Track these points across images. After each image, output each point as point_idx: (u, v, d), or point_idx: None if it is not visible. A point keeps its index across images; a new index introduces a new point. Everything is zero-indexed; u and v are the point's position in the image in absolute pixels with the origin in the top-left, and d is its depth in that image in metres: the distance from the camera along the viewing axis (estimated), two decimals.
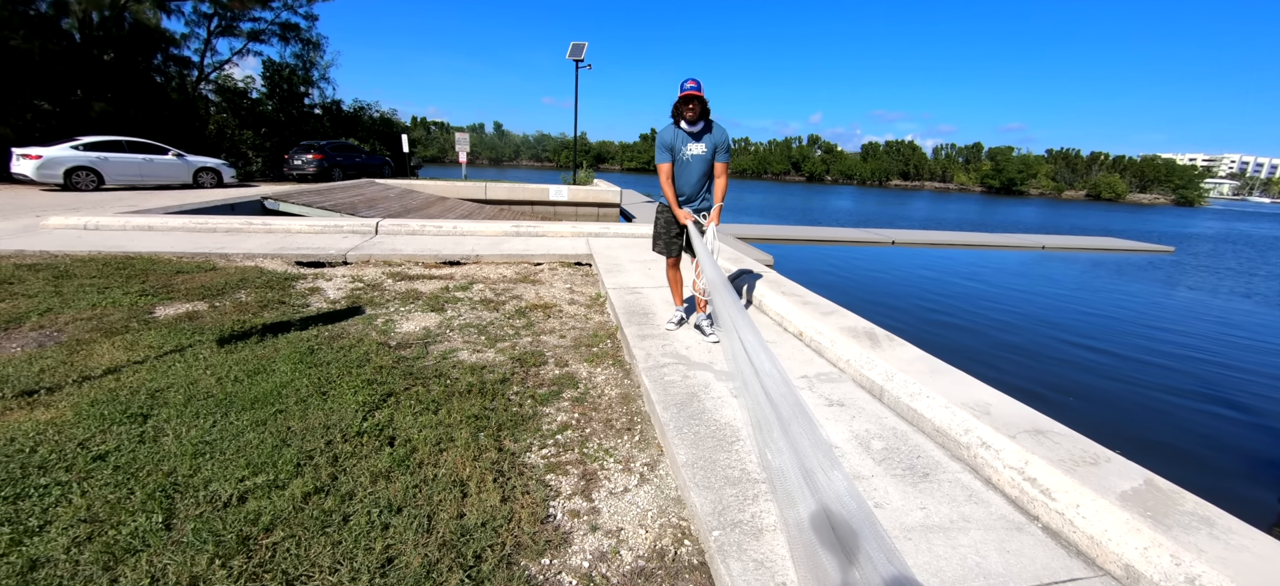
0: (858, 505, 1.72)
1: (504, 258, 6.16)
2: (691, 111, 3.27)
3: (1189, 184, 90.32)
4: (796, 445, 1.96)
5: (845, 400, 2.82)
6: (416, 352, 3.33)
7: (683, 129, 3.36)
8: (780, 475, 1.90)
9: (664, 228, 3.67)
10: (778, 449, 2.00)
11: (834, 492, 1.75)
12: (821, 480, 1.78)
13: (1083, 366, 6.74)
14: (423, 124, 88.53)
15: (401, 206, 12.18)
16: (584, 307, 4.59)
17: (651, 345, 3.43)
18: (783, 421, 2.10)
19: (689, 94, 3.23)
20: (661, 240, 3.70)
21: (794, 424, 2.08)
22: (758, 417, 2.25)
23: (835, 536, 1.63)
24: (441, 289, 4.83)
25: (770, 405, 2.20)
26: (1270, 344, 8.51)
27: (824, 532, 1.64)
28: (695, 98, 3.24)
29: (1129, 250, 18.62)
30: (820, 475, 1.80)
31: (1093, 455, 2.09)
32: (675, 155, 3.39)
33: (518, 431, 2.49)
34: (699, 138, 3.38)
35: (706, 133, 3.39)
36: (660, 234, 3.69)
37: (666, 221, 3.64)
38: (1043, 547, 1.79)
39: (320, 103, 24.50)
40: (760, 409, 2.25)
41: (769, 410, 2.19)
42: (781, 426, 2.08)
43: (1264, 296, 12.20)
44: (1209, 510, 1.77)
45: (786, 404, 2.19)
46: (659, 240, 3.71)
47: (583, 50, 20.91)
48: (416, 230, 7.33)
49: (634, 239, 7.72)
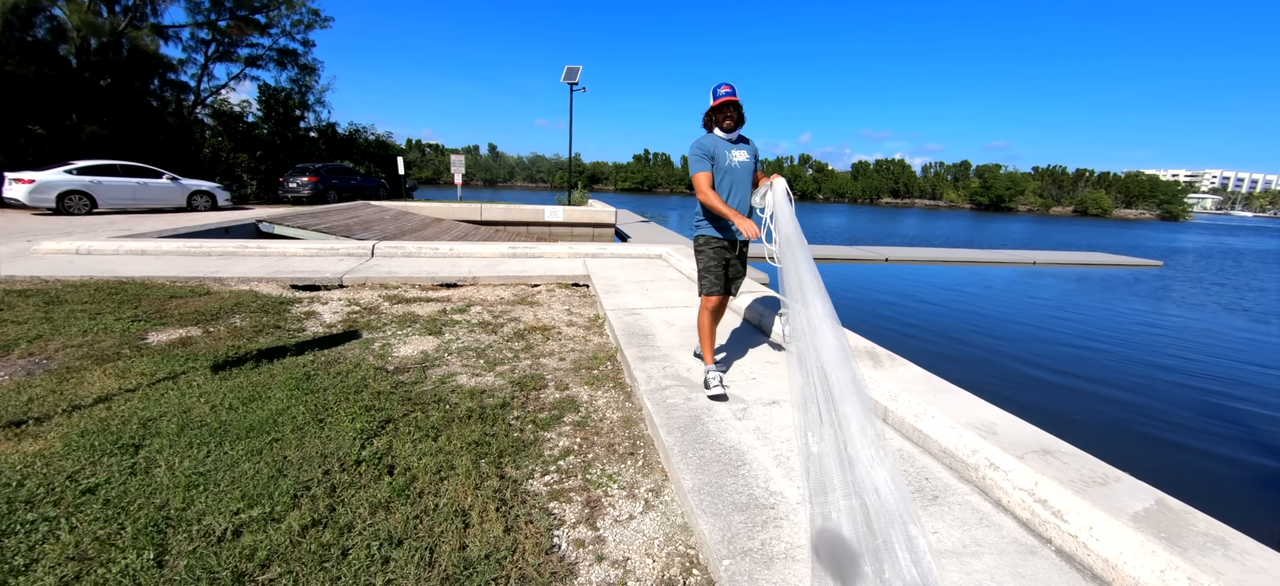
0: (898, 501, 1.68)
1: (501, 279, 6.14)
2: (731, 118, 2.96)
3: (1173, 199, 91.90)
4: (843, 425, 1.91)
5: None
6: (415, 377, 3.29)
7: (720, 136, 3.00)
8: (817, 462, 1.86)
9: (715, 258, 3.07)
10: (819, 434, 1.96)
11: (872, 483, 1.70)
12: (862, 471, 1.75)
13: (1080, 381, 6.75)
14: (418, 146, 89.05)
15: (397, 228, 12.16)
16: (583, 329, 4.56)
17: (652, 367, 3.40)
18: (832, 399, 2.04)
19: (726, 100, 2.93)
20: (712, 274, 3.08)
21: (844, 404, 2.02)
22: (805, 397, 2.18)
23: (867, 530, 1.61)
24: (439, 312, 4.79)
25: (822, 381, 2.11)
26: (1260, 358, 8.57)
27: (853, 530, 1.62)
28: (734, 103, 2.95)
29: (1118, 265, 18.82)
30: (861, 466, 1.76)
31: (1102, 475, 2.07)
32: (717, 164, 2.96)
33: (519, 457, 2.45)
34: (741, 145, 3.04)
35: (743, 140, 3.08)
36: (709, 267, 3.08)
37: (718, 249, 3.07)
38: (1058, 572, 1.76)
39: (316, 126, 24.61)
40: (811, 388, 2.17)
41: (819, 387, 2.11)
42: (831, 404, 2.03)
43: (1251, 311, 12.32)
44: (1223, 530, 1.76)
45: (840, 382, 2.10)
46: (708, 275, 3.09)
47: (577, 74, 21.17)
48: (413, 252, 7.31)
49: (631, 259, 7.73)
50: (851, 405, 1.92)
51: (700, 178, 2.95)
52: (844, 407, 1.95)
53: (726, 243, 3.09)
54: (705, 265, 3.11)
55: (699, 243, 3.16)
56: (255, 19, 21.12)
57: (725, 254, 3.09)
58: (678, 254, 7.51)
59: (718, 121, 2.98)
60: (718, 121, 2.98)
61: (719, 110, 2.96)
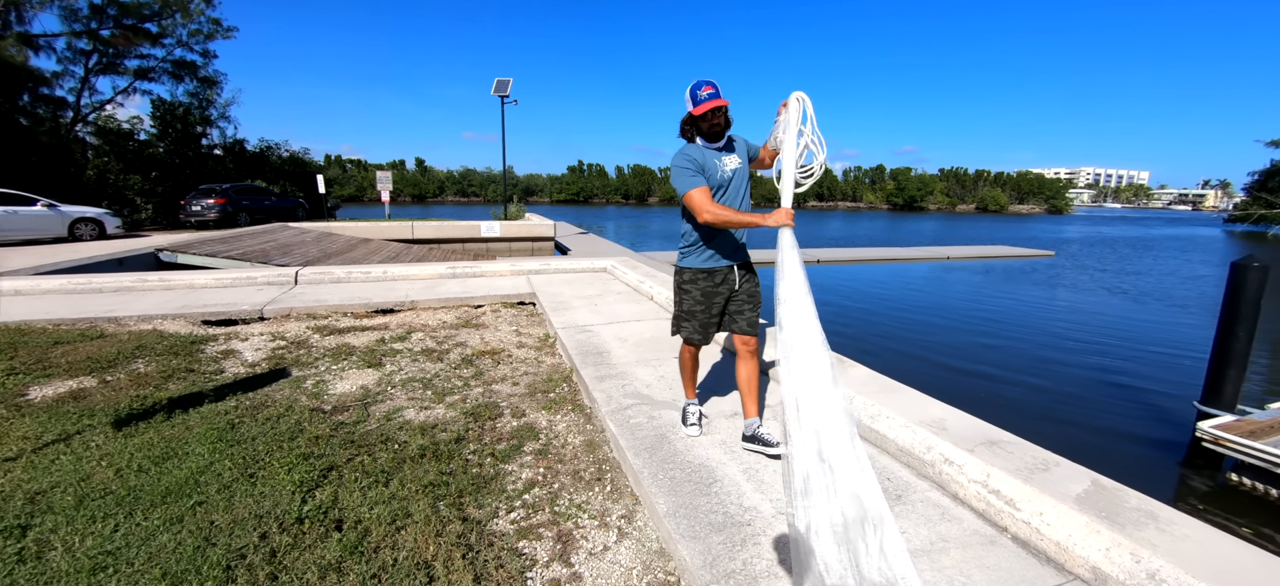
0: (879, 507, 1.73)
1: (441, 302, 5.87)
2: (719, 122, 2.46)
3: (1057, 195, 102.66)
4: (828, 437, 1.88)
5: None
6: (356, 416, 3.05)
7: (705, 146, 2.50)
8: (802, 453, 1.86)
9: (701, 300, 2.55)
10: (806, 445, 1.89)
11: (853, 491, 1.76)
12: (844, 480, 1.78)
13: (995, 368, 7.32)
14: (338, 162, 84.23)
15: (320, 251, 11.38)
16: (534, 350, 4.42)
17: (611, 386, 3.34)
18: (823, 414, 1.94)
19: (713, 103, 2.39)
20: (696, 320, 2.56)
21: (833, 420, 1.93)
22: (796, 395, 2.00)
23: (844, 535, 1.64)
24: (377, 341, 4.50)
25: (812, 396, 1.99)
26: (1141, 335, 9.65)
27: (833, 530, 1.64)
28: (721, 108, 2.44)
29: (1017, 256, 20.72)
30: (844, 475, 1.79)
31: (1043, 461, 2.22)
32: (708, 179, 2.45)
33: (481, 496, 2.31)
34: (730, 150, 2.57)
35: (730, 143, 2.60)
36: (693, 311, 2.56)
37: (709, 291, 2.55)
38: (1017, 559, 1.86)
39: (221, 143, 22.66)
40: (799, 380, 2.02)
41: (807, 380, 2.01)
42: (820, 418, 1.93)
43: (1129, 293, 13.88)
44: (1151, 504, 1.92)
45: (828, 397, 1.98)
46: (690, 320, 2.58)
47: (508, 86, 20.82)
48: (342, 277, 6.85)
49: (576, 273, 7.62)
50: (842, 422, 1.91)
51: (696, 196, 2.36)
52: (833, 424, 1.91)
53: (723, 275, 2.56)
54: (688, 308, 2.58)
55: (685, 278, 2.58)
56: (145, 28, 19.23)
57: (718, 294, 2.57)
58: (623, 266, 7.48)
59: (702, 129, 2.48)
60: (702, 129, 2.48)
61: (706, 116, 2.43)
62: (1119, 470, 2.43)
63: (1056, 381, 6.97)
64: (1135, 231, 42.92)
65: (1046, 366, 7.56)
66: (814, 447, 1.84)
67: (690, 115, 2.46)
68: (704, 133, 2.48)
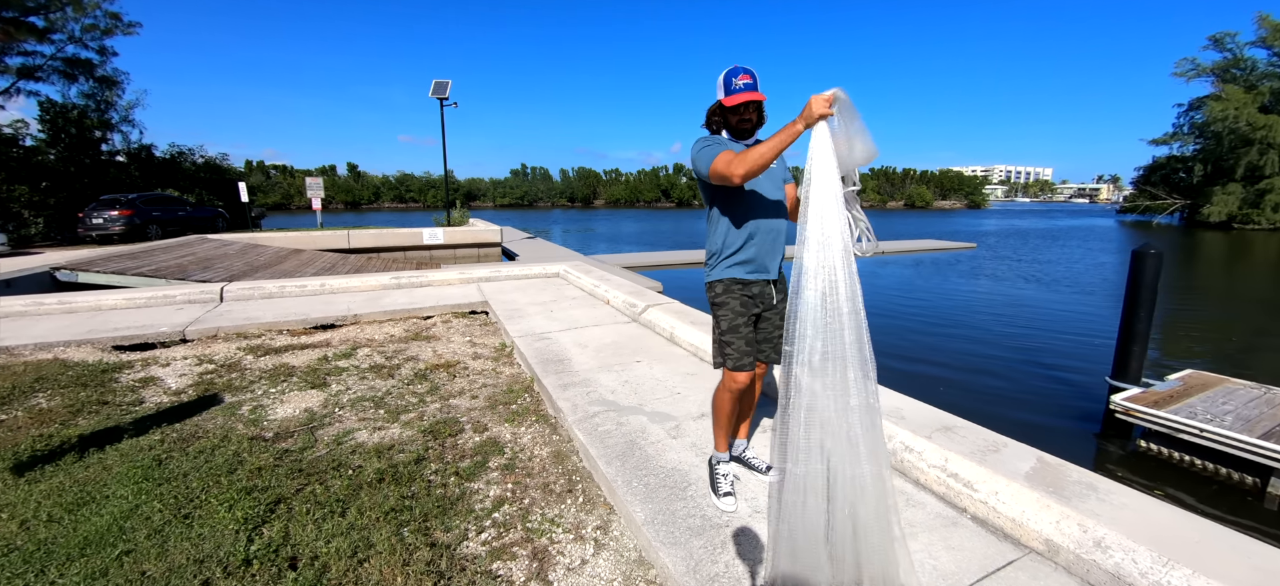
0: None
1: (387, 314, 5.59)
2: (751, 120, 2.09)
3: (975, 191, 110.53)
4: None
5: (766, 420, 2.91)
6: (302, 442, 2.84)
7: (730, 141, 2.13)
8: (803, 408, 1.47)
9: (742, 312, 2.12)
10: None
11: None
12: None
13: (932, 355, 7.77)
14: (261, 168, 78.80)
15: (246, 264, 10.59)
16: (491, 361, 4.28)
17: (576, 394, 3.28)
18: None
19: (748, 96, 2.02)
20: (740, 337, 2.11)
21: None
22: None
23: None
24: (319, 359, 4.22)
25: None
26: (1055, 316, 10.51)
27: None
28: (758, 103, 2.09)
29: (944, 249, 22.16)
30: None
31: (993, 443, 2.36)
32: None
33: (448, 518, 2.21)
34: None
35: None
36: (736, 327, 2.11)
37: (748, 300, 2.14)
38: (978, 538, 1.97)
39: (124, 149, 20.76)
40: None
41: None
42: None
43: (1042, 281, 15.10)
44: (1091, 477, 2.08)
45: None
46: (733, 339, 2.12)
47: (447, 88, 20.17)
48: (274, 292, 6.39)
49: (528, 280, 7.47)
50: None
51: (721, 160, 1.93)
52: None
53: (760, 288, 2.17)
54: (730, 324, 2.12)
55: (717, 291, 2.18)
56: (29, 22, 17.27)
57: (756, 305, 2.17)
58: (576, 270, 7.40)
59: (732, 123, 2.10)
60: (732, 123, 2.10)
61: (735, 110, 2.06)
62: (1049, 444, 2.64)
63: (986, 366, 7.48)
64: (1044, 224, 46.80)
65: (975, 352, 8.10)
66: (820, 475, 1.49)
67: (719, 104, 2.11)
68: (732, 127, 2.11)
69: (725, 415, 2.22)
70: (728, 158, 1.93)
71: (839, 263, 1.50)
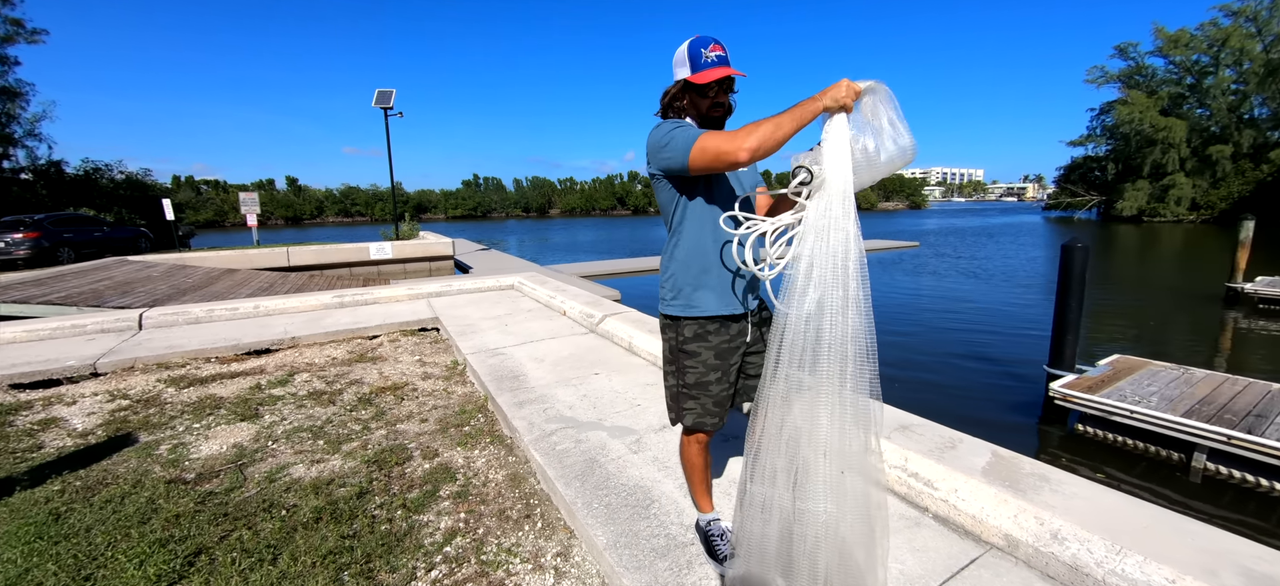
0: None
1: (329, 335, 5.26)
2: (724, 103, 1.68)
3: (915, 191, 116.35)
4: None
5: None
6: (229, 482, 2.58)
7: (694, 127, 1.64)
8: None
9: (715, 364, 1.70)
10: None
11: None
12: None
13: (881, 349, 8.00)
14: (190, 184, 74.09)
15: (172, 287, 9.83)
16: (442, 381, 4.08)
17: (532, 412, 3.15)
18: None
19: (723, 71, 1.61)
20: (708, 396, 1.71)
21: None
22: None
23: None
24: (251, 388, 3.90)
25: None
26: (995, 309, 11.06)
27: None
28: (732, 80, 1.67)
29: (889, 248, 23.07)
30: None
31: (950, 440, 2.39)
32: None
33: (394, 556, 2.04)
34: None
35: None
36: (704, 383, 1.70)
37: (722, 349, 1.70)
38: (941, 537, 1.97)
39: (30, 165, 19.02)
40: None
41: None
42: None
43: (979, 276, 15.92)
44: (1043, 468, 2.13)
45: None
46: (698, 398, 1.72)
47: (390, 97, 19.51)
48: (201, 316, 5.92)
49: (482, 293, 7.23)
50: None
51: (709, 141, 1.48)
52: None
53: (740, 324, 1.73)
54: (696, 380, 1.71)
55: (686, 335, 1.71)
56: None
57: (734, 352, 1.73)
58: (531, 282, 7.22)
59: (702, 107, 1.65)
60: (702, 107, 1.65)
61: (706, 89, 1.63)
62: (994, 433, 2.71)
63: (932, 359, 7.76)
64: (978, 222, 49.60)
65: (921, 347, 8.40)
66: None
67: (683, 83, 1.65)
68: (702, 112, 1.66)
69: (699, 470, 1.88)
70: (722, 134, 1.48)
71: (852, 281, 1.34)
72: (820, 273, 1.37)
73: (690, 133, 1.55)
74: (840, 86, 1.36)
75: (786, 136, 1.39)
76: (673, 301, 1.74)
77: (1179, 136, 40.56)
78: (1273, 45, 37.33)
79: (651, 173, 1.71)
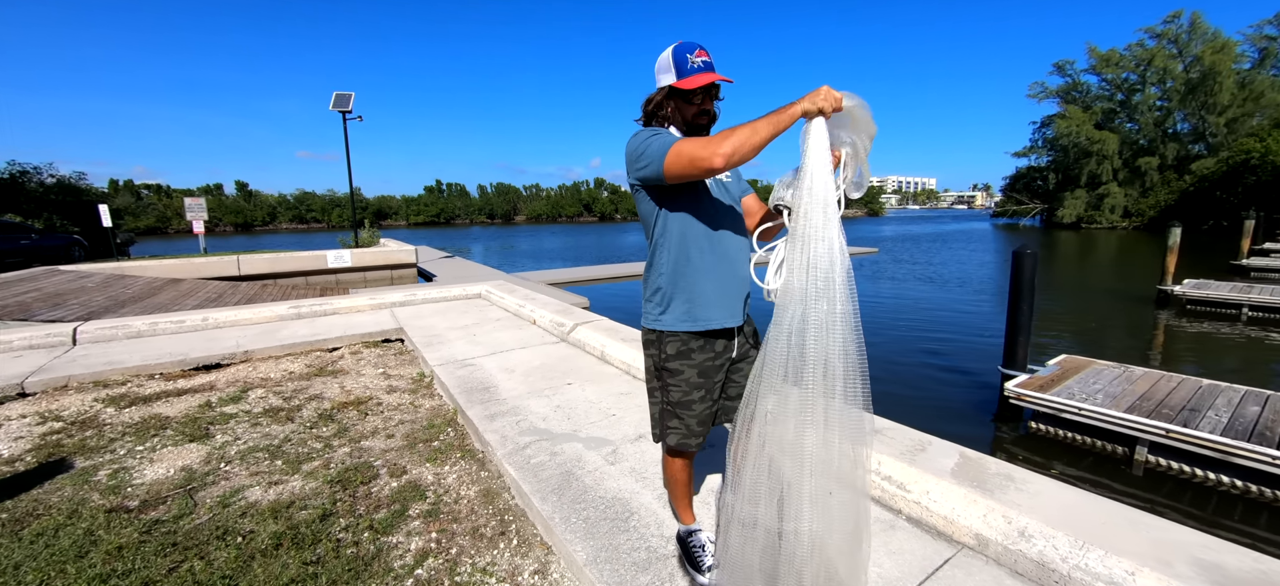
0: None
1: (285, 348, 5.03)
2: (710, 110, 1.64)
3: (873, 200, 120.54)
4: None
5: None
6: (177, 508, 2.42)
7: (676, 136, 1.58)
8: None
9: (699, 382, 1.67)
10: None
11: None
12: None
13: None
14: (129, 188, 69.88)
15: (110, 299, 9.22)
16: (408, 394, 3.95)
17: (504, 424, 3.07)
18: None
19: (710, 77, 1.57)
20: (692, 415, 1.69)
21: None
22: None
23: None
24: (201, 406, 3.68)
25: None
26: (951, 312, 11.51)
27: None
28: (716, 86, 1.64)
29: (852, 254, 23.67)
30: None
31: (920, 442, 2.45)
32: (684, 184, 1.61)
33: (362, 581, 1.94)
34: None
35: None
36: (688, 402, 1.68)
37: (706, 367, 1.68)
38: (915, 539, 2.01)
39: None
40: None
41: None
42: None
43: (935, 280, 16.55)
44: (1007, 467, 2.20)
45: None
46: (682, 417, 1.69)
47: (349, 101, 18.88)
48: (144, 330, 5.56)
49: (448, 302, 7.06)
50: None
51: (686, 146, 1.45)
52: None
53: (726, 340, 1.71)
54: (679, 399, 1.68)
55: (669, 351, 1.67)
56: None
57: (718, 370, 1.71)
58: (499, 290, 7.10)
59: (687, 114, 1.62)
60: (687, 114, 1.62)
61: (692, 96, 1.60)
62: (955, 432, 2.81)
63: (892, 361, 8.00)
64: (933, 228, 51.64)
65: (883, 350, 8.65)
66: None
67: (668, 89, 1.60)
68: (688, 119, 1.62)
69: (682, 484, 1.87)
70: (697, 140, 1.44)
71: (839, 294, 1.34)
72: (801, 285, 1.38)
73: (666, 139, 1.51)
74: (820, 92, 1.35)
75: (763, 141, 1.37)
76: (654, 316, 1.72)
77: (1112, 149, 43.34)
78: (1192, 66, 40.41)
79: (631, 183, 1.68)
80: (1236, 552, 1.67)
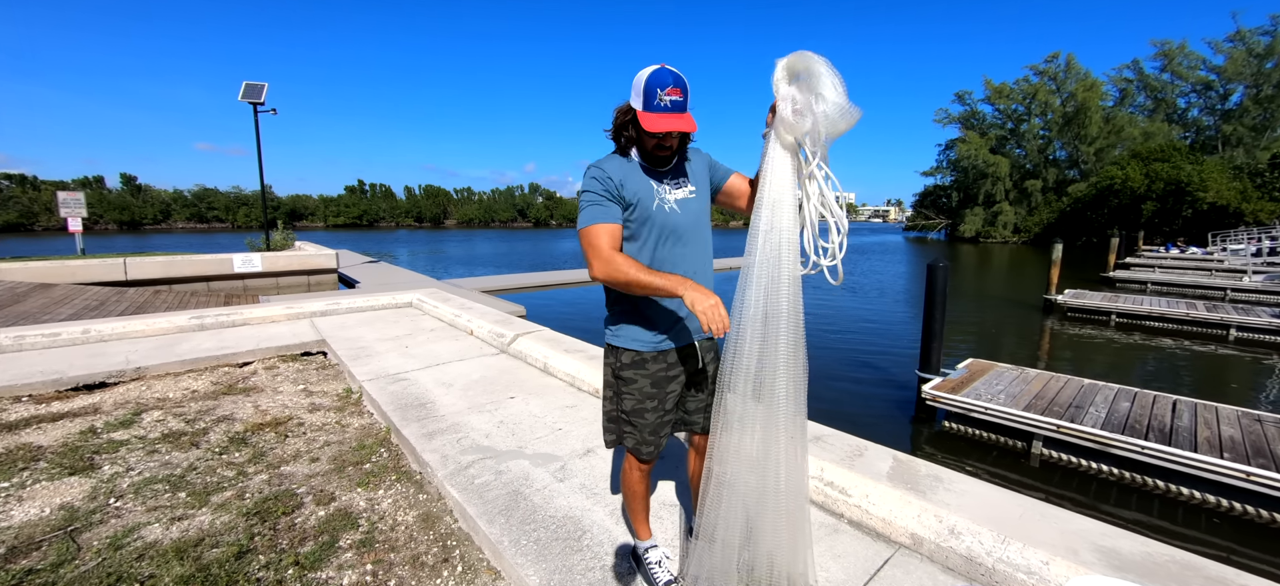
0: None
1: (186, 364, 4.53)
2: (671, 147, 1.64)
3: None
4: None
5: None
6: (57, 555, 2.10)
7: (640, 164, 1.65)
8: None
9: (651, 393, 1.69)
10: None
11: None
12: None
13: None
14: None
15: None
16: (334, 412, 3.67)
17: (444, 443, 2.93)
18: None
19: (674, 121, 1.53)
20: (645, 422, 1.70)
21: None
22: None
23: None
24: (82, 432, 3.23)
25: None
26: (874, 320, 12.27)
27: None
28: (687, 134, 1.69)
29: None
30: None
31: (857, 448, 2.58)
32: (636, 210, 1.61)
33: None
34: (679, 176, 1.71)
35: (682, 174, 1.73)
36: (641, 410, 1.69)
37: (659, 378, 1.69)
38: (858, 541, 2.11)
39: None
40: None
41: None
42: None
43: (858, 290, 17.61)
44: (936, 469, 2.36)
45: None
46: (635, 425, 1.71)
47: (262, 92, 17.47)
48: (6, 344, 4.82)
49: (376, 311, 6.66)
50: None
51: (593, 234, 1.54)
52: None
53: (685, 354, 1.74)
54: (632, 407, 1.70)
55: (623, 362, 1.70)
56: None
57: (674, 381, 1.72)
58: (432, 299, 6.78)
59: (647, 146, 1.62)
60: (647, 146, 1.62)
61: (649, 135, 1.58)
62: (878, 432, 2.99)
63: (817, 366, 8.41)
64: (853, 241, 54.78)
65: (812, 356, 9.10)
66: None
67: (635, 116, 1.57)
68: (647, 150, 1.63)
69: (639, 497, 1.83)
70: (605, 245, 1.53)
71: (783, 292, 1.49)
72: (754, 294, 1.49)
73: (590, 213, 1.57)
74: (707, 302, 1.43)
75: (637, 288, 1.51)
76: (612, 330, 1.76)
77: (1004, 171, 48.13)
78: (1067, 101, 45.77)
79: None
80: (1129, 538, 1.87)
